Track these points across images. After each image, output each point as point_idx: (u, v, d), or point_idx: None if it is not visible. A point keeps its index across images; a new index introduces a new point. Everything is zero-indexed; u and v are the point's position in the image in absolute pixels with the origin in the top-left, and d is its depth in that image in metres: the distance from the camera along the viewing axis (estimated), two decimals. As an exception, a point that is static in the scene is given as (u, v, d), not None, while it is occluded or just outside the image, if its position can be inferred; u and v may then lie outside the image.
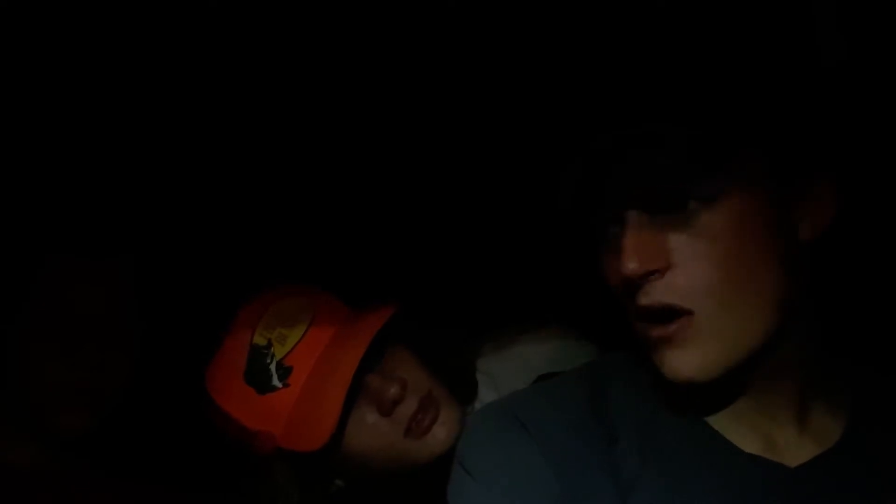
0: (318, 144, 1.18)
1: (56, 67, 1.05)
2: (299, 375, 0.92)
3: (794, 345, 0.72)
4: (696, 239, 0.67)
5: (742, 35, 0.72)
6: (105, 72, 1.07)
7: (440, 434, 0.93)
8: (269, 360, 0.93)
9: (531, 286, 1.21)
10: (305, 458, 0.91)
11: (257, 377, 0.93)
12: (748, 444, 0.72)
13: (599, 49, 0.81)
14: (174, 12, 1.00)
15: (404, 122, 1.14)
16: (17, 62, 1.02)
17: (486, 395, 1.04)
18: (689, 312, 0.67)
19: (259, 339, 0.94)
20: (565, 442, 0.72)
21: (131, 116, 1.12)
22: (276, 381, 0.92)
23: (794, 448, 0.72)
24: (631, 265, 0.66)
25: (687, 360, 0.68)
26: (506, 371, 1.04)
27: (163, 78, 1.09)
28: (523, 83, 1.04)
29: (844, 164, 0.72)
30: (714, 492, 0.70)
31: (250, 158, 1.17)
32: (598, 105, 0.72)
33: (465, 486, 0.73)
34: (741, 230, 0.67)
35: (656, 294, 0.67)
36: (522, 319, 1.12)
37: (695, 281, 0.66)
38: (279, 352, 0.93)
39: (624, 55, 0.73)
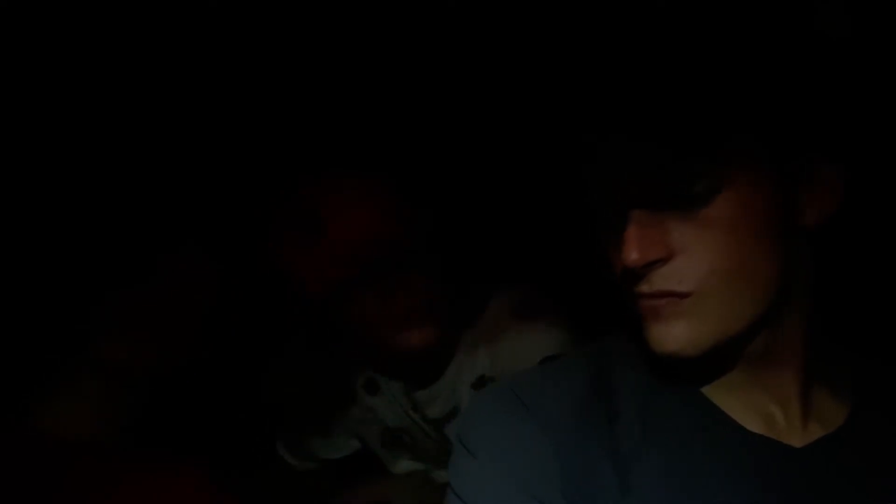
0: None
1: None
2: (330, 239, 1.05)
3: (793, 329, 0.73)
4: (695, 228, 0.67)
5: (735, 16, 0.70)
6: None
7: (412, 338, 1.08)
8: (312, 220, 1.06)
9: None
10: (315, 309, 1.09)
11: (300, 231, 1.08)
12: (751, 422, 0.73)
13: (591, 39, 0.79)
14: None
15: (404, 120, 1.14)
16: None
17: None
18: (685, 295, 0.68)
19: (309, 205, 1.07)
20: (566, 422, 0.73)
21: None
22: (310, 236, 1.07)
23: (796, 430, 0.74)
24: (633, 256, 0.67)
25: (672, 335, 0.69)
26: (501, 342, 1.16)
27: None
28: (521, 79, 1.03)
29: (849, 148, 0.70)
30: (716, 468, 0.71)
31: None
32: (590, 95, 0.71)
33: (465, 465, 0.74)
34: (739, 219, 0.67)
35: (657, 282, 0.69)
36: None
37: (693, 268, 0.68)
38: (326, 220, 1.05)
39: (614, 43, 0.72)
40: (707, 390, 0.74)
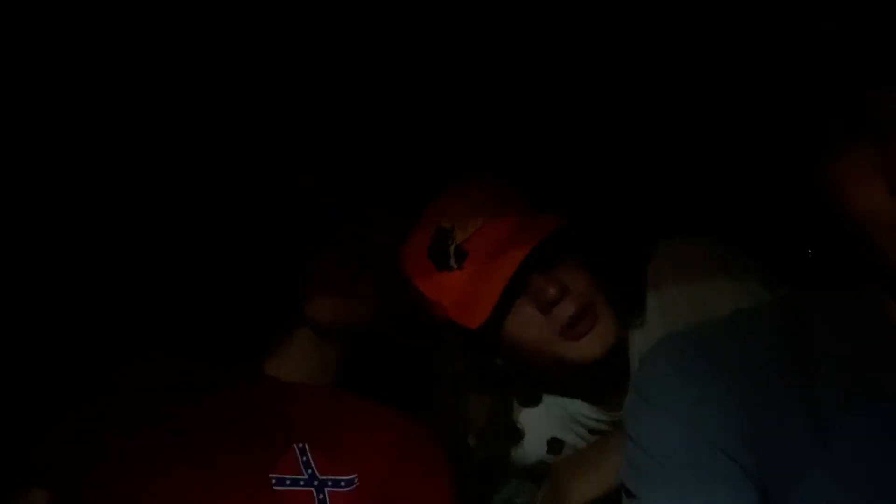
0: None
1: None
2: (472, 260, 1.02)
3: None
4: None
5: (735, 16, 0.70)
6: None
7: (592, 343, 0.99)
8: (449, 243, 1.04)
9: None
10: (470, 333, 1.02)
11: (437, 255, 1.05)
12: None
13: (591, 39, 0.79)
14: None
15: (404, 120, 1.15)
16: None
17: (652, 317, 1.06)
18: None
19: (445, 223, 1.05)
20: (753, 375, 0.69)
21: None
22: (452, 262, 1.03)
23: None
24: None
25: None
26: (676, 304, 1.05)
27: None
28: (522, 79, 1.03)
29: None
30: None
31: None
32: (591, 95, 0.72)
33: (642, 414, 0.73)
34: None
35: None
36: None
37: None
38: (460, 237, 1.04)
39: (613, 43, 0.72)
40: None
